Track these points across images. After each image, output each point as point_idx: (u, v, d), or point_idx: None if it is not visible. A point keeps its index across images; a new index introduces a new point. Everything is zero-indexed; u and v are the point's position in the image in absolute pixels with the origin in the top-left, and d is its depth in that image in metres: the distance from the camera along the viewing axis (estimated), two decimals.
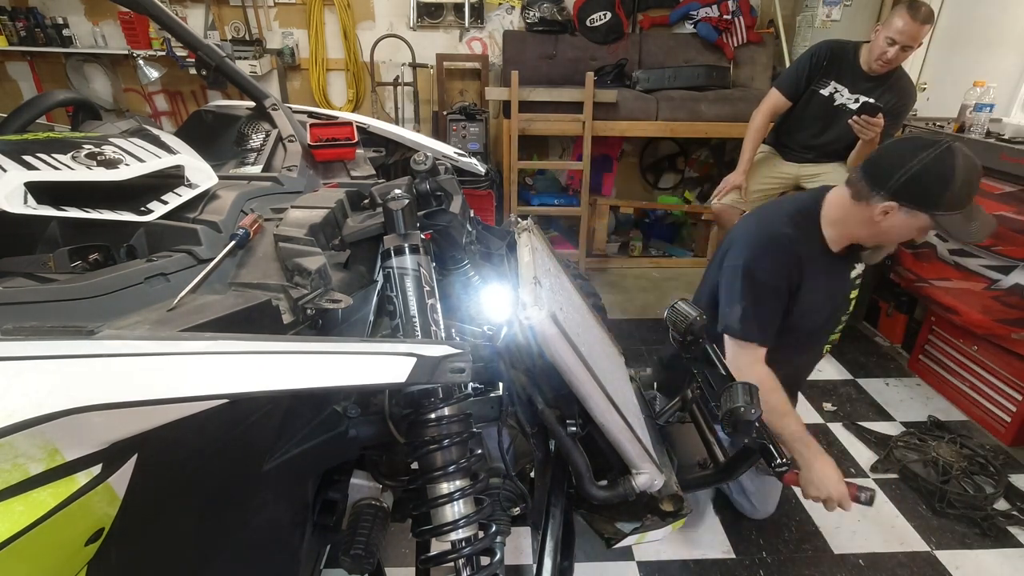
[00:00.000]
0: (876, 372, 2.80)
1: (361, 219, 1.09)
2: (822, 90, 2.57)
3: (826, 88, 2.56)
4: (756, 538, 1.87)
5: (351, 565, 0.93)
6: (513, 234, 1.38)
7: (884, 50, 2.32)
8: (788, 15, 3.96)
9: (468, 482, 0.94)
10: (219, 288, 0.82)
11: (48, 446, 0.50)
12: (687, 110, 3.53)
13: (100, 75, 4.04)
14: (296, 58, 4.01)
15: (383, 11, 3.94)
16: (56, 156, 0.89)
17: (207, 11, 3.84)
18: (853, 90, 2.50)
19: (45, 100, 1.27)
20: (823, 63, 2.54)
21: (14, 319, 0.62)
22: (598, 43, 3.88)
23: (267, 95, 1.68)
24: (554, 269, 1.35)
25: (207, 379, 0.53)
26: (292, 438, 0.85)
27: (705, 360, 1.34)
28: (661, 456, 1.23)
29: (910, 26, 2.23)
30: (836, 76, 2.53)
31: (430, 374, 0.68)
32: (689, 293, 1.84)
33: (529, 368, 1.11)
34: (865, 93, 2.48)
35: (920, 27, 2.23)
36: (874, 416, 2.49)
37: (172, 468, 0.64)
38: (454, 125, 3.60)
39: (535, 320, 0.91)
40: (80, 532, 0.53)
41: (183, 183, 1.04)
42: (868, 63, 2.44)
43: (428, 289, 0.98)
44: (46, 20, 3.78)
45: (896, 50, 2.30)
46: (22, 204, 0.80)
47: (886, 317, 3.03)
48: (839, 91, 2.54)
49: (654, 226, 4.34)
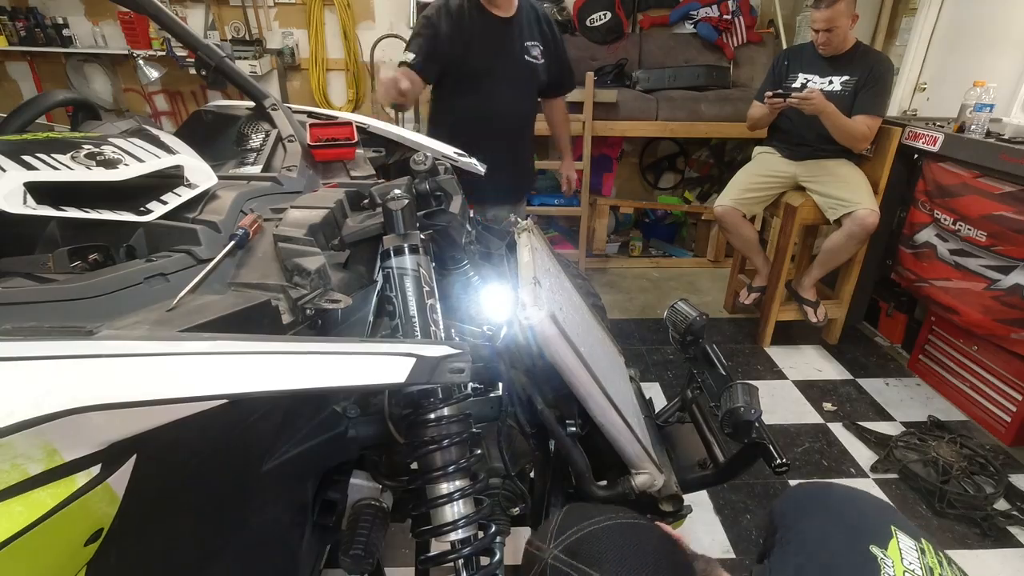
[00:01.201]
0: (876, 372, 2.80)
1: (361, 219, 1.09)
2: (794, 84, 2.71)
3: (797, 81, 2.72)
4: (756, 537, 1.87)
5: (351, 565, 0.93)
6: (513, 234, 1.38)
7: (815, 39, 2.62)
8: (788, 15, 3.96)
9: (468, 482, 0.94)
10: (218, 288, 0.82)
11: (47, 446, 0.50)
12: (687, 110, 3.53)
13: (100, 75, 4.04)
14: (296, 58, 4.01)
15: (383, 11, 3.94)
16: (56, 156, 0.89)
17: (207, 11, 3.85)
18: (824, 75, 2.67)
19: (45, 100, 1.27)
20: (784, 63, 2.80)
21: (14, 319, 0.62)
22: (598, 43, 3.89)
23: (267, 95, 1.68)
24: (554, 269, 1.35)
25: (206, 379, 0.53)
26: (292, 438, 0.85)
27: (705, 360, 1.34)
28: (661, 456, 1.23)
29: (817, 14, 2.53)
30: (802, 68, 2.74)
31: (429, 374, 0.68)
32: (689, 293, 1.85)
33: (529, 368, 1.12)
34: (836, 73, 2.64)
35: (823, 12, 2.51)
36: (874, 416, 2.49)
37: (171, 468, 0.64)
38: None
39: (535, 320, 0.91)
40: (79, 532, 0.53)
41: (182, 183, 1.04)
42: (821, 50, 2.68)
43: (428, 289, 0.98)
44: (46, 20, 3.78)
45: (824, 34, 2.56)
46: (22, 204, 0.80)
47: (886, 317, 3.03)
48: (810, 79, 2.70)
49: (654, 226, 4.35)
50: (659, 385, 2.66)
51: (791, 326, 3.05)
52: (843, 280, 2.96)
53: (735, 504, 2.00)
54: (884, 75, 2.56)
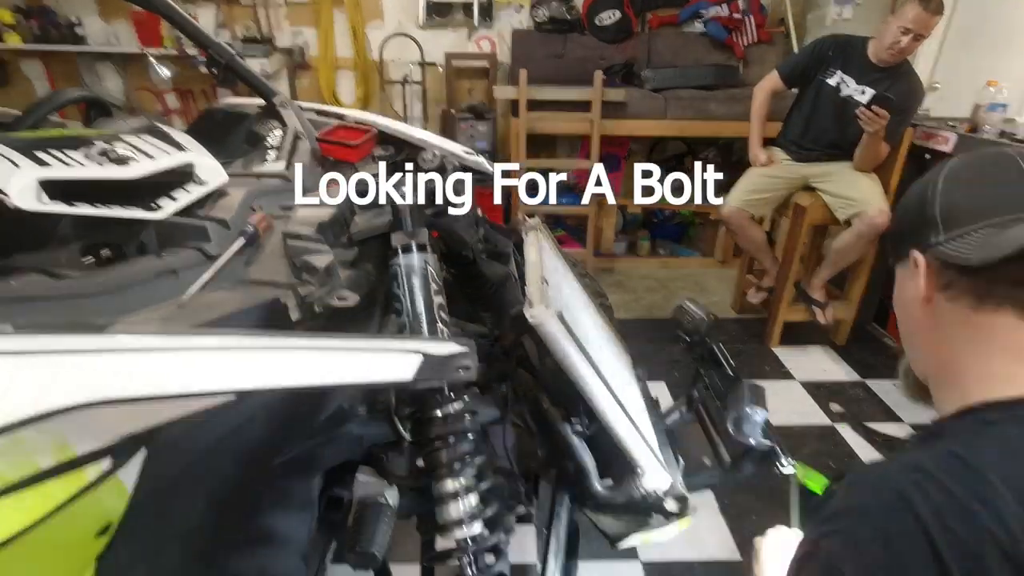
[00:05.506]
0: (885, 373, 2.78)
1: (369, 217, 1.10)
2: (829, 79, 2.58)
3: (832, 78, 2.58)
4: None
5: (356, 562, 0.94)
6: (520, 233, 1.38)
7: (897, 39, 2.35)
8: (799, 14, 3.93)
9: (473, 480, 0.94)
10: (228, 285, 0.83)
11: (58, 440, 0.50)
12: (696, 109, 3.52)
13: (112, 73, 4.07)
14: (305, 56, 4.02)
15: (392, 10, 3.95)
16: (69, 153, 0.90)
17: (217, 10, 3.87)
18: (860, 81, 2.51)
19: (58, 97, 1.28)
20: (828, 52, 2.58)
21: (27, 315, 0.63)
22: (607, 42, 3.87)
23: (276, 92, 1.69)
24: (561, 268, 1.35)
25: (215, 375, 0.54)
26: (299, 435, 0.86)
27: (712, 360, 1.34)
28: (667, 456, 1.23)
29: (922, 16, 2.27)
30: (842, 66, 2.56)
31: (436, 372, 0.69)
32: (696, 293, 1.84)
33: (535, 366, 1.12)
34: (871, 84, 2.49)
35: (931, 17, 2.28)
36: (882, 417, 2.47)
37: (180, 462, 0.64)
38: (462, 124, 3.60)
39: (541, 319, 0.91)
40: (90, 525, 0.54)
41: (193, 180, 1.05)
42: (877, 54, 2.46)
43: (435, 287, 0.98)
44: (60, 19, 3.81)
45: (909, 39, 2.33)
46: (35, 201, 0.81)
47: (895, 317, 3.01)
48: (845, 81, 2.55)
49: (661, 226, 4.33)
50: (665, 384, 2.65)
51: (799, 326, 3.03)
52: (852, 280, 2.93)
53: (741, 504, 1.99)
54: (916, 105, 2.50)
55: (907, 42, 2.34)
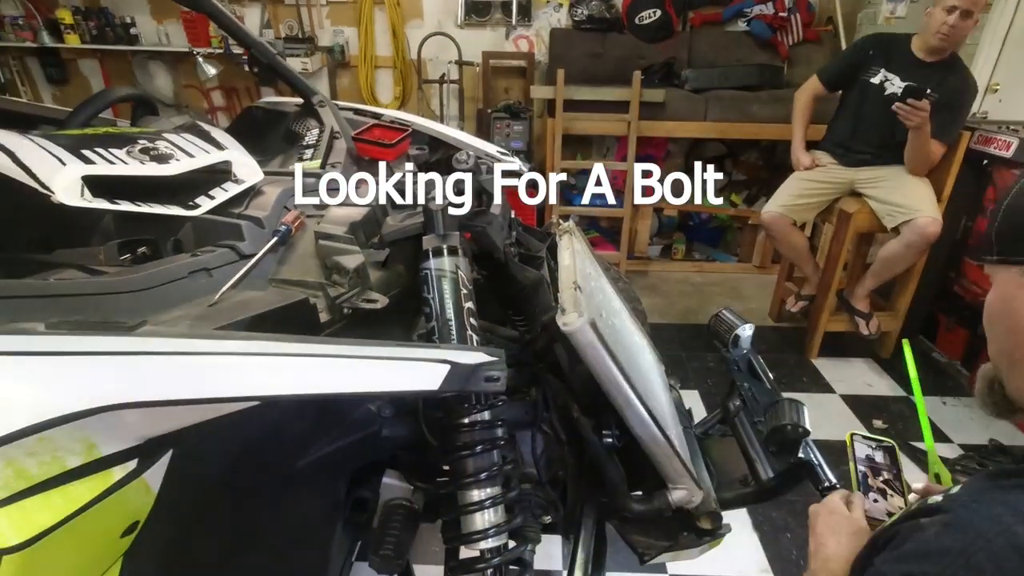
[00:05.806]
0: (933, 389, 2.65)
1: (401, 218, 1.09)
2: (872, 79, 2.48)
3: (876, 76, 2.48)
4: (796, 558, 1.79)
5: (380, 565, 0.93)
6: (554, 236, 1.36)
7: (944, 20, 2.22)
8: (848, 12, 3.77)
9: (500, 490, 0.92)
10: (259, 284, 0.83)
11: (86, 440, 0.51)
12: (737, 110, 3.42)
13: (162, 72, 4.22)
14: (346, 55, 4.08)
15: (431, 9, 3.97)
16: (112, 151, 0.92)
17: (263, 10, 3.96)
18: (905, 78, 2.38)
19: (106, 97, 1.32)
20: (869, 52, 2.50)
21: (64, 311, 0.64)
22: (647, 41, 3.80)
23: (315, 92, 1.71)
24: (595, 273, 1.32)
25: (240, 381, 0.54)
26: (325, 437, 0.85)
27: (750, 372, 1.29)
28: (700, 471, 1.19)
29: None
30: (885, 64, 2.46)
31: (464, 382, 0.67)
32: (732, 299, 1.78)
33: (566, 375, 1.09)
34: (920, 81, 2.33)
35: None
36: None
37: (206, 465, 0.65)
38: (498, 123, 3.60)
39: (574, 327, 0.89)
40: (115, 524, 0.54)
41: (230, 179, 1.06)
42: (923, 46, 2.36)
43: (465, 292, 0.96)
44: (116, 19, 3.97)
45: (956, 17, 2.18)
46: (79, 197, 0.83)
47: (945, 331, 2.86)
48: (890, 79, 2.44)
49: (698, 229, 4.23)
50: (698, 393, 2.59)
51: (840, 337, 2.91)
52: (899, 291, 2.80)
53: (775, 521, 1.92)
54: (968, 101, 2.37)
55: (955, 20, 2.19)
